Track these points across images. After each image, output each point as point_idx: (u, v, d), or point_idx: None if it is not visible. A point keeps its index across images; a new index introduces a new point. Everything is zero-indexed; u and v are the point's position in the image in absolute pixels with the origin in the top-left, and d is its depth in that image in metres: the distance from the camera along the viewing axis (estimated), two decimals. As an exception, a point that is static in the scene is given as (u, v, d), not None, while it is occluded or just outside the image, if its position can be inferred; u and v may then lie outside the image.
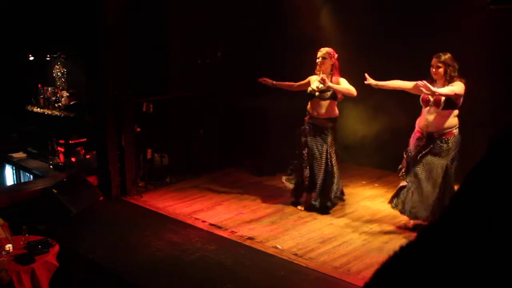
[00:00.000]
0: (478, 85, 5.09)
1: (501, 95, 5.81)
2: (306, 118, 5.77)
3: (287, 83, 6.03)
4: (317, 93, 5.63)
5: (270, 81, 6.04)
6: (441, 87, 5.01)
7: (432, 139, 5.03)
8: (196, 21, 7.31)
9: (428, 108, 5.02)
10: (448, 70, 4.97)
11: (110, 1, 6.22)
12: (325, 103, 5.62)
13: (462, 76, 5.04)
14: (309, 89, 5.72)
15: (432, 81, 5.07)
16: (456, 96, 4.85)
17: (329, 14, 7.18)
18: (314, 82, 5.73)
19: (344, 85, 5.49)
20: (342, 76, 5.63)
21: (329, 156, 5.65)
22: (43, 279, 4.26)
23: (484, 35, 5.69)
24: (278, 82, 6.03)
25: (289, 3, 7.22)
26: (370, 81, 5.25)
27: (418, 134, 5.11)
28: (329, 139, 5.67)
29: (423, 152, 5.04)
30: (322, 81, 5.43)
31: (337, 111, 5.73)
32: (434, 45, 5.23)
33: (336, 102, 5.69)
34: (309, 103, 5.76)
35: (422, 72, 5.19)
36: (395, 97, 6.21)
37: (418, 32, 5.97)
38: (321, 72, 5.58)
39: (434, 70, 5.02)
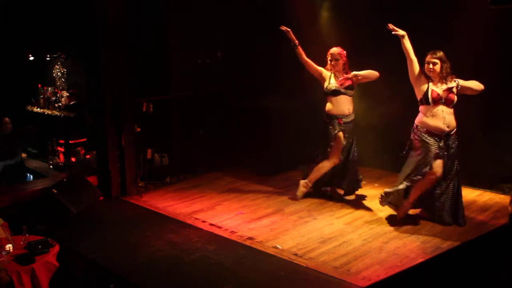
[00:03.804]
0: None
1: (503, 95, 5.81)
2: (340, 121, 5.83)
3: (302, 50, 5.93)
4: (343, 90, 5.80)
5: (293, 36, 5.87)
6: (437, 84, 5.02)
7: (449, 139, 5.04)
8: (196, 21, 7.30)
9: (438, 107, 4.99)
10: (444, 67, 4.99)
11: (110, 1, 6.22)
12: (350, 99, 5.90)
13: (457, 75, 5.06)
14: (332, 86, 5.82)
15: (427, 77, 5.07)
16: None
17: (328, 14, 7.19)
18: (331, 80, 5.85)
19: (365, 71, 5.73)
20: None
21: (356, 148, 6.09)
22: (43, 279, 4.26)
23: (485, 35, 5.68)
24: (298, 44, 5.89)
25: (289, 3, 7.22)
26: (392, 27, 5.09)
27: (434, 133, 5.03)
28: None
29: (446, 153, 5.05)
30: (345, 80, 5.74)
31: None
32: (433, 44, 5.23)
33: None
34: (333, 103, 5.85)
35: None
36: (394, 98, 6.23)
37: (417, 32, 5.97)
38: (333, 71, 5.88)
39: (431, 66, 5.01)
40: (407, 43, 5.07)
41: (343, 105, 5.84)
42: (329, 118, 5.89)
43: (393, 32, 5.07)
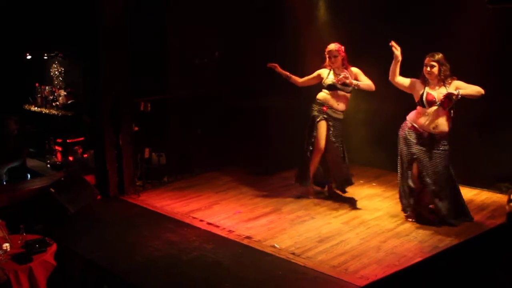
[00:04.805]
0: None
1: (500, 95, 5.82)
2: (324, 108, 5.84)
3: (295, 77, 6.03)
4: (339, 86, 5.79)
5: (281, 70, 5.99)
6: (435, 87, 5.03)
7: (434, 141, 5.06)
8: (195, 21, 7.30)
9: (431, 108, 5.01)
10: (442, 69, 4.99)
11: (109, 0, 6.21)
12: (346, 96, 5.88)
13: (456, 75, 5.06)
14: (329, 81, 5.82)
15: (425, 81, 5.08)
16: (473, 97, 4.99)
17: (327, 14, 7.19)
18: (329, 75, 5.85)
19: (364, 82, 5.72)
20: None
21: (343, 146, 6.00)
22: (40, 278, 4.25)
23: (482, 35, 5.69)
24: (290, 74, 6.00)
25: (288, 3, 7.22)
26: (393, 44, 5.06)
27: (418, 131, 5.10)
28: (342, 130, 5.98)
29: (427, 152, 5.07)
30: (345, 78, 5.66)
31: None
32: (432, 45, 5.23)
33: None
34: (326, 95, 5.85)
35: (420, 73, 5.19)
36: (392, 98, 6.23)
37: (416, 32, 5.98)
38: (332, 68, 5.84)
39: (428, 69, 5.03)
40: (396, 66, 5.09)
41: (336, 99, 5.82)
42: (316, 103, 5.89)
43: (392, 48, 5.05)
